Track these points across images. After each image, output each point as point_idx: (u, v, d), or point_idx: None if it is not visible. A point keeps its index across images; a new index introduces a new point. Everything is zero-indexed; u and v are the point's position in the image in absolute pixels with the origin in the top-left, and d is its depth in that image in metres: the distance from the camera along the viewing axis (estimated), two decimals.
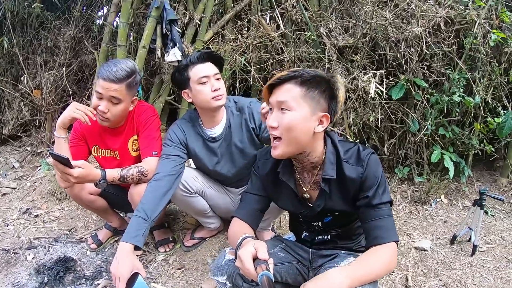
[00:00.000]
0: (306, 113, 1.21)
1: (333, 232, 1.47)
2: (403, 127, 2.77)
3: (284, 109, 1.21)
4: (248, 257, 1.11)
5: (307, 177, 1.38)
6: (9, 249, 2.20)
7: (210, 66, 1.81)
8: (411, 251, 2.16)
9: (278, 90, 1.24)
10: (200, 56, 1.80)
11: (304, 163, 1.33)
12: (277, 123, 1.22)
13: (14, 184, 3.08)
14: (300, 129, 1.21)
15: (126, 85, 1.76)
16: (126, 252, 1.51)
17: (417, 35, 2.55)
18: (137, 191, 1.81)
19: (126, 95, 1.79)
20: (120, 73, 1.72)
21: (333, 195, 1.32)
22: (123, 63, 1.76)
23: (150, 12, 2.83)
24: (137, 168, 1.78)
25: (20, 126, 3.71)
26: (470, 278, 1.95)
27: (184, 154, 1.88)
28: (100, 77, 1.74)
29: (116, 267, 1.47)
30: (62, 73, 3.45)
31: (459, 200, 2.72)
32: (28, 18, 3.75)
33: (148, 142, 1.88)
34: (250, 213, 1.44)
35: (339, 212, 1.37)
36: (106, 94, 1.74)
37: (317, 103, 1.23)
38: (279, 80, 1.23)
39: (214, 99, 1.78)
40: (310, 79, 1.22)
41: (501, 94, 2.72)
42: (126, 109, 1.84)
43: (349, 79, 2.54)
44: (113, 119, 1.82)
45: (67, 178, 1.58)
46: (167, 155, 1.81)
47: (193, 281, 1.93)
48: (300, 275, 1.50)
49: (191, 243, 2.19)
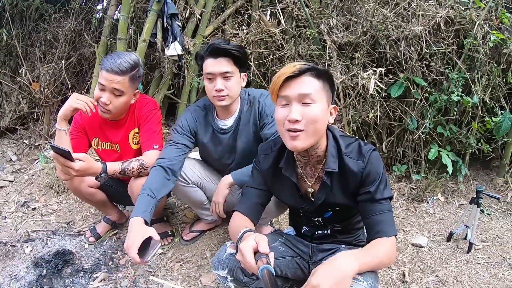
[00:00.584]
0: (325, 105, 1.24)
1: (333, 227, 1.48)
2: (402, 125, 2.79)
3: (308, 102, 1.20)
4: (249, 251, 1.12)
5: (309, 172, 1.38)
6: (7, 242, 2.19)
7: (219, 63, 1.70)
8: (408, 248, 2.18)
9: (295, 83, 1.21)
10: (210, 51, 1.71)
11: (311, 156, 1.33)
12: (301, 116, 1.20)
13: (12, 177, 3.07)
14: (322, 121, 1.23)
15: (129, 78, 1.76)
16: (136, 225, 1.49)
17: (417, 34, 2.57)
18: (137, 184, 1.81)
19: (129, 87, 1.79)
20: (124, 65, 1.73)
21: (334, 188, 1.33)
22: (127, 56, 1.76)
23: (151, 6, 2.82)
24: (138, 161, 1.78)
25: (18, 119, 3.70)
26: (466, 275, 1.98)
27: (191, 143, 1.87)
28: (103, 69, 1.73)
29: (127, 240, 1.45)
30: (61, 66, 3.43)
31: (455, 199, 2.74)
32: (27, 10, 3.73)
33: (149, 136, 1.88)
34: (251, 207, 1.45)
35: (340, 207, 1.38)
36: (109, 86, 1.74)
37: (328, 95, 1.26)
38: (297, 73, 1.21)
39: (215, 98, 1.74)
40: (322, 72, 1.24)
41: (499, 94, 2.73)
42: (128, 102, 1.84)
43: (348, 76, 2.56)
44: (114, 111, 1.82)
45: (68, 171, 1.58)
46: (175, 142, 1.80)
47: (192, 274, 1.94)
48: (300, 269, 1.51)
49: (190, 236, 2.20)
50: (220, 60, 1.69)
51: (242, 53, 1.73)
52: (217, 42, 1.71)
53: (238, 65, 1.73)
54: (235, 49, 1.70)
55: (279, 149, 1.43)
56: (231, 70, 1.71)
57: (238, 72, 1.76)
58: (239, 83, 1.78)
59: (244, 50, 1.77)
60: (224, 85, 1.71)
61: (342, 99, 2.64)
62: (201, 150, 2.02)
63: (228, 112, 1.85)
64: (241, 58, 1.73)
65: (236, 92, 1.77)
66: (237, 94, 1.80)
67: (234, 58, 1.70)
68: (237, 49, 1.71)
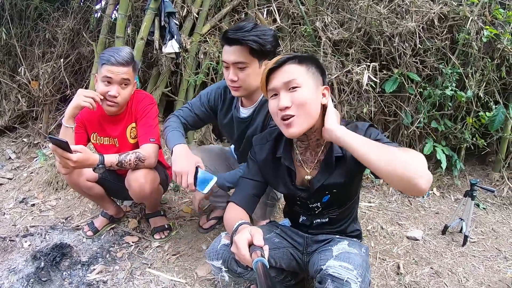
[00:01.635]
0: (312, 87, 1.26)
1: (331, 214, 1.47)
2: (397, 120, 2.82)
3: (293, 88, 1.23)
4: (244, 243, 1.13)
5: (309, 157, 1.39)
6: (6, 237, 2.21)
7: (233, 52, 1.54)
8: (403, 241, 2.20)
9: (279, 74, 1.25)
10: (224, 38, 1.56)
11: (310, 140, 1.35)
12: (290, 102, 1.23)
13: (11, 175, 3.08)
14: (312, 103, 1.25)
15: (132, 67, 1.87)
16: (183, 151, 1.51)
17: (411, 30, 2.60)
18: (134, 177, 1.84)
19: (133, 76, 1.89)
20: (127, 56, 1.83)
21: (335, 170, 1.34)
22: (126, 48, 1.88)
23: (149, 5, 2.86)
24: (135, 153, 1.81)
25: (17, 117, 3.71)
26: (461, 267, 1.99)
27: (205, 115, 1.89)
28: (107, 63, 1.79)
29: (180, 165, 1.50)
30: (59, 64, 3.46)
31: (451, 193, 2.76)
32: (26, 9, 3.76)
33: (146, 130, 1.91)
34: (246, 198, 1.46)
35: (337, 188, 1.36)
36: (117, 78, 1.81)
37: (316, 78, 1.28)
38: (278, 64, 1.25)
39: (230, 87, 1.65)
40: (305, 57, 1.27)
41: (493, 89, 2.76)
42: (131, 92, 1.92)
43: (343, 72, 2.58)
44: (122, 102, 1.89)
45: (66, 163, 1.60)
46: (192, 109, 1.87)
47: (188, 266, 1.96)
48: (294, 260, 1.52)
49: (209, 224, 2.22)
50: (234, 48, 1.53)
51: (262, 42, 1.52)
52: (234, 28, 1.56)
53: (256, 54, 1.54)
54: (250, 38, 1.49)
55: (275, 138, 1.45)
56: (245, 61, 1.54)
57: (257, 62, 1.57)
58: (258, 73, 1.56)
59: (267, 37, 1.54)
60: (237, 75, 1.57)
61: (337, 95, 2.66)
62: (219, 125, 1.99)
63: (250, 100, 1.73)
64: (258, 48, 1.52)
65: (251, 84, 1.60)
66: (254, 86, 1.61)
67: (250, 48, 1.52)
68: (254, 37, 1.50)
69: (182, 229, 2.28)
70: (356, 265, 1.20)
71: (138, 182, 1.84)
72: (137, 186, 1.86)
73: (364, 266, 1.22)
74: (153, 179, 1.90)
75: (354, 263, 1.19)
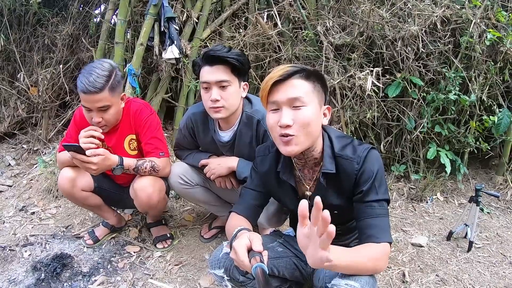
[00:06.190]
0: (316, 107, 1.20)
1: (336, 229, 1.44)
2: (400, 125, 2.79)
3: (298, 106, 1.17)
4: (243, 249, 1.10)
5: (307, 174, 1.36)
6: (5, 246, 2.18)
7: (215, 71, 1.58)
8: (408, 247, 2.17)
9: (284, 87, 1.18)
10: (206, 58, 1.60)
11: (308, 158, 1.31)
12: (292, 121, 1.17)
13: (10, 182, 3.06)
14: (315, 124, 1.20)
15: (109, 90, 1.69)
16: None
17: (413, 34, 2.57)
18: (141, 186, 1.83)
19: (112, 98, 1.73)
20: (98, 81, 1.64)
21: (330, 190, 1.31)
22: (98, 68, 1.67)
23: (148, 10, 2.84)
24: (151, 162, 1.83)
25: (16, 123, 3.69)
26: (466, 274, 1.97)
27: (195, 141, 1.96)
28: (80, 91, 1.67)
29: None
30: (59, 70, 3.43)
31: (455, 198, 2.74)
32: (25, 15, 3.74)
33: (154, 145, 1.89)
34: (248, 208, 1.44)
35: (337, 210, 1.34)
36: (93, 106, 1.70)
37: (321, 96, 1.23)
38: (284, 76, 1.18)
39: (211, 109, 1.64)
40: (312, 72, 1.22)
41: (496, 92, 2.73)
42: (119, 110, 1.84)
43: (345, 77, 2.56)
44: (111, 122, 1.83)
45: (88, 166, 1.63)
46: (182, 145, 2.01)
47: (190, 277, 1.93)
48: (297, 270, 1.50)
49: (211, 234, 2.20)
50: (217, 67, 1.58)
51: (242, 61, 1.60)
52: (213, 49, 1.61)
53: (236, 73, 1.61)
54: (232, 56, 1.57)
55: (276, 150, 1.42)
56: (228, 79, 1.59)
57: (237, 81, 1.63)
58: (238, 93, 1.65)
59: (244, 57, 1.63)
60: (220, 94, 1.59)
61: (339, 100, 2.64)
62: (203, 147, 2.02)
63: (227, 124, 1.75)
64: (240, 67, 1.60)
65: (234, 104, 1.64)
66: (235, 106, 1.66)
67: (232, 66, 1.59)
68: (235, 56, 1.58)
69: (184, 238, 2.25)
70: (363, 283, 1.15)
71: (145, 192, 1.82)
72: (145, 196, 1.83)
73: (371, 282, 1.17)
74: (160, 188, 1.89)
75: (360, 281, 1.15)
